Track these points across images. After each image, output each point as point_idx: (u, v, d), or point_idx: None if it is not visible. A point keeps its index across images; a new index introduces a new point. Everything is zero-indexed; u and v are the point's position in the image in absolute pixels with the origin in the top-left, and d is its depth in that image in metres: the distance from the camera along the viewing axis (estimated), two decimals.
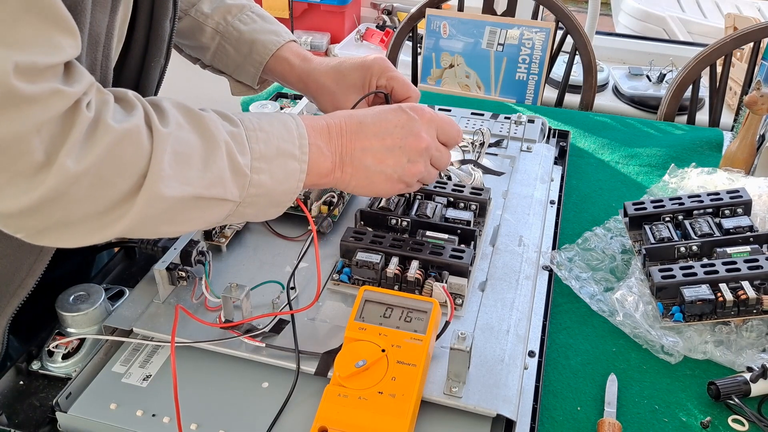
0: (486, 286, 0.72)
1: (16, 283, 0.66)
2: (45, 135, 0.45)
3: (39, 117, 0.44)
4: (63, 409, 0.60)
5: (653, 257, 0.79)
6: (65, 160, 0.46)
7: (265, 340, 0.64)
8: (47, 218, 0.48)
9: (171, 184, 0.51)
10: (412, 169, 0.66)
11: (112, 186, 0.49)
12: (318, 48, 2.39)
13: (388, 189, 0.67)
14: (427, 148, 0.67)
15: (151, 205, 0.50)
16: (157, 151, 0.50)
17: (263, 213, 0.60)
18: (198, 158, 0.53)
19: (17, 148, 0.44)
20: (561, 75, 1.63)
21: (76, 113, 0.47)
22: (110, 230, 0.50)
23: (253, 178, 0.56)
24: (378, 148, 0.65)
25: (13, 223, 0.48)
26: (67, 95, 0.46)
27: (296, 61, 0.83)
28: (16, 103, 0.43)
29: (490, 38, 1.42)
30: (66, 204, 0.47)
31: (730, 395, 0.65)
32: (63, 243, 0.51)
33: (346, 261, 0.73)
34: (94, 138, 0.48)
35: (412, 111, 0.67)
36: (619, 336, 0.74)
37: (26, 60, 0.43)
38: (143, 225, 0.52)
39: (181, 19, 0.83)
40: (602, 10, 2.28)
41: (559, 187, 0.95)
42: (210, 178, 0.54)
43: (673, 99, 1.42)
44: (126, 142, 0.49)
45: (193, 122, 0.54)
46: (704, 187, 0.94)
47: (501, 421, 0.60)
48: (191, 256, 0.70)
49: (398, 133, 0.66)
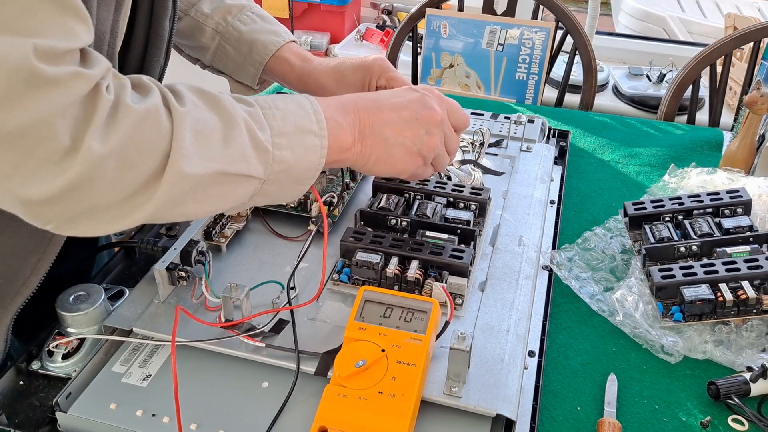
0: (486, 286, 0.72)
1: (21, 281, 0.67)
2: (69, 119, 0.45)
3: (63, 100, 0.45)
4: (63, 409, 0.60)
5: (653, 257, 0.79)
6: (91, 143, 0.46)
7: (264, 340, 0.64)
8: (76, 204, 0.48)
9: (194, 161, 0.51)
10: (430, 141, 0.67)
11: (137, 168, 0.49)
12: (318, 48, 2.39)
13: (408, 163, 0.68)
14: (442, 121, 0.68)
15: (176, 185, 0.50)
16: (177, 129, 0.50)
17: (287, 191, 0.60)
18: (218, 136, 0.53)
19: (43, 133, 0.44)
20: (561, 75, 1.63)
21: (97, 96, 0.47)
22: (138, 214, 0.50)
23: (276, 154, 0.56)
24: (396, 121, 0.66)
25: (43, 211, 0.48)
26: (87, 77, 0.46)
27: (296, 61, 0.83)
28: (39, 86, 0.43)
29: (490, 38, 1.43)
30: (94, 188, 0.47)
31: (730, 395, 0.65)
32: (92, 230, 0.51)
33: (345, 261, 0.73)
34: (116, 120, 0.48)
35: (423, 89, 0.69)
36: (619, 336, 0.74)
37: (45, 44, 0.44)
38: (170, 206, 0.51)
39: (181, 20, 0.83)
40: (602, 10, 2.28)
41: (559, 187, 0.95)
42: (232, 154, 0.54)
43: (673, 99, 1.42)
44: (147, 122, 0.49)
45: (210, 102, 0.55)
46: (704, 187, 0.94)
47: (501, 421, 0.60)
48: (191, 256, 0.70)
49: (413, 107, 0.67)
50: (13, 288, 0.67)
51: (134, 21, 0.64)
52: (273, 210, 0.82)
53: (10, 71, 0.42)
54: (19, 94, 0.43)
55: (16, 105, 0.43)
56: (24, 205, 0.47)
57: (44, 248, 0.67)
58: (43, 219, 0.49)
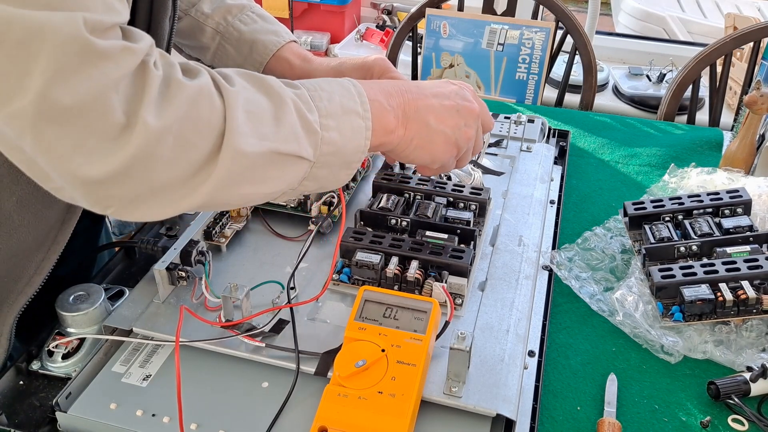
0: (486, 286, 0.72)
1: (25, 280, 0.67)
2: (122, 94, 0.45)
3: (114, 73, 0.44)
4: (63, 409, 0.60)
5: (653, 257, 0.79)
6: (147, 117, 0.45)
7: (264, 340, 0.64)
8: (137, 183, 0.47)
9: (249, 140, 0.51)
10: (468, 132, 0.68)
11: (194, 147, 0.48)
12: (318, 48, 2.39)
13: (445, 151, 0.68)
14: (479, 115, 0.69)
15: (233, 163, 0.50)
16: (230, 108, 0.50)
17: (335, 175, 0.60)
18: (269, 115, 0.53)
19: (99, 108, 0.44)
20: (561, 75, 1.63)
21: (146, 71, 0.47)
22: (197, 194, 0.50)
23: (324, 135, 0.56)
24: (438, 108, 0.66)
25: (105, 192, 0.47)
26: (135, 51, 0.46)
27: (297, 61, 0.83)
28: (93, 60, 0.43)
29: (490, 38, 1.43)
30: (153, 165, 0.47)
31: (729, 395, 0.65)
32: (152, 213, 0.50)
33: (346, 261, 0.73)
34: (169, 95, 0.47)
35: (460, 84, 0.70)
36: (619, 336, 0.74)
37: (93, 17, 0.43)
38: (227, 186, 0.51)
39: (181, 19, 0.83)
40: (602, 10, 2.28)
41: (559, 186, 0.95)
42: (284, 133, 0.53)
43: (673, 99, 1.42)
44: (200, 99, 0.49)
45: (258, 84, 0.54)
46: (704, 186, 0.94)
47: (501, 420, 0.60)
48: (191, 256, 0.70)
49: (455, 98, 0.68)
50: (18, 287, 0.67)
51: (134, 20, 0.64)
52: (273, 210, 0.82)
53: (65, 44, 0.42)
54: (74, 68, 0.42)
55: (72, 79, 0.42)
56: (86, 186, 0.46)
57: (48, 247, 0.67)
58: (105, 202, 0.48)
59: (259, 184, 0.54)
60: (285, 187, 0.56)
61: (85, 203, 0.49)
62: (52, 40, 0.41)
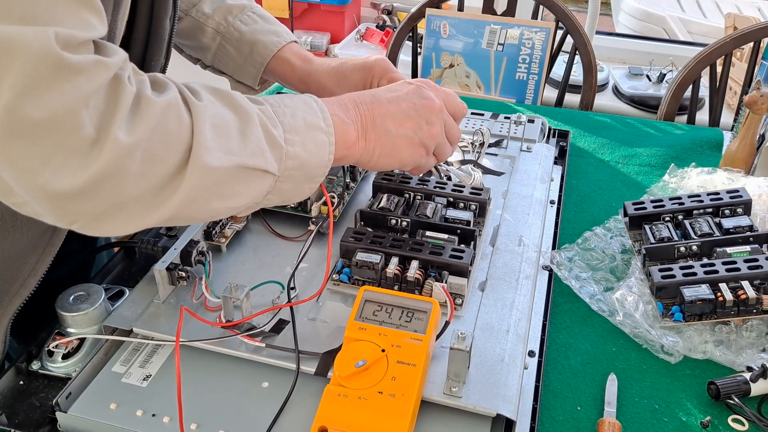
0: (486, 286, 0.72)
1: (19, 282, 0.67)
2: (93, 109, 0.45)
3: (86, 88, 0.44)
4: (63, 409, 0.60)
5: (653, 257, 0.79)
6: (117, 133, 0.45)
7: (265, 340, 0.64)
8: (105, 198, 0.47)
9: (216, 154, 0.51)
10: (431, 130, 0.68)
11: (162, 161, 0.49)
12: (318, 48, 2.39)
13: (411, 153, 0.69)
14: (441, 109, 0.69)
15: (200, 178, 0.50)
16: (197, 122, 0.51)
17: (299, 189, 0.60)
18: (235, 130, 0.54)
19: (70, 123, 0.44)
20: (561, 75, 1.63)
21: (121, 87, 0.47)
22: (164, 209, 0.50)
23: (288, 150, 0.57)
24: (395, 113, 0.67)
25: (71, 206, 0.47)
26: (108, 65, 0.46)
27: (297, 61, 0.83)
28: (64, 74, 0.43)
29: (490, 38, 1.42)
30: (121, 181, 0.47)
31: (730, 395, 0.65)
32: (118, 228, 0.50)
33: (346, 261, 0.73)
34: (140, 111, 0.48)
35: (418, 81, 0.70)
36: (619, 336, 0.74)
37: (66, 32, 0.43)
38: (194, 201, 0.51)
39: (181, 20, 0.83)
40: (602, 10, 2.28)
41: (559, 186, 0.95)
42: (250, 148, 0.54)
43: (673, 99, 1.42)
44: (168, 115, 0.49)
45: (224, 98, 0.55)
46: (704, 186, 0.94)
47: (501, 420, 0.60)
48: (191, 256, 0.70)
49: (411, 98, 0.68)
50: (12, 289, 0.67)
51: (134, 20, 0.64)
52: (273, 210, 0.82)
53: (35, 59, 0.42)
54: (45, 82, 0.42)
55: (42, 94, 0.42)
56: (52, 201, 0.46)
57: (42, 249, 0.67)
58: (71, 217, 0.48)
59: (225, 199, 0.54)
60: (250, 201, 0.57)
61: (50, 218, 0.48)
62: (22, 55, 0.41)
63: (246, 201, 0.56)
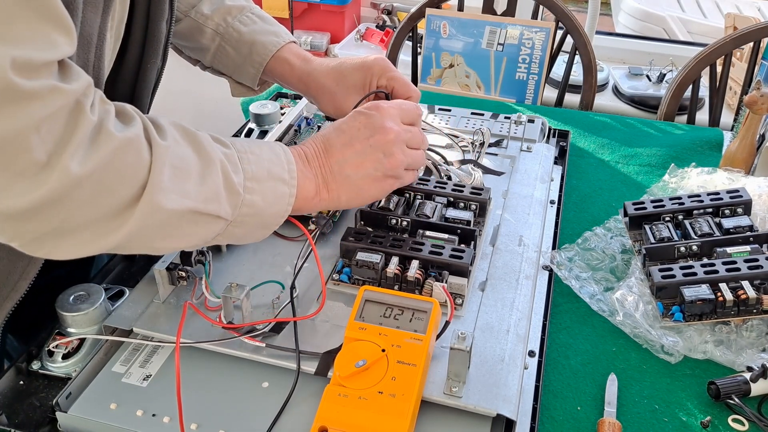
0: (486, 285, 0.72)
1: (9, 286, 0.66)
2: (45, 134, 0.44)
3: (38, 114, 0.44)
4: (63, 409, 0.60)
5: (653, 257, 0.79)
6: (69, 162, 0.45)
7: (265, 340, 0.64)
8: (46, 223, 0.47)
9: (170, 196, 0.51)
10: (392, 161, 0.67)
11: (113, 194, 0.49)
12: (318, 48, 2.39)
13: (379, 189, 0.69)
14: (396, 136, 0.67)
15: (149, 216, 0.50)
16: (156, 163, 0.50)
17: (251, 234, 0.61)
18: (195, 173, 0.54)
19: (16, 146, 0.43)
20: (561, 75, 1.63)
21: (81, 116, 0.46)
22: (106, 241, 0.50)
23: (246, 197, 0.57)
24: (351, 156, 0.66)
25: (11, 226, 0.47)
26: (65, 92, 0.46)
27: (297, 61, 0.83)
28: (15, 99, 0.43)
29: (490, 38, 1.43)
30: (66, 208, 0.47)
31: (730, 395, 0.65)
32: (58, 253, 0.50)
33: (346, 261, 0.73)
34: (98, 143, 0.47)
35: (368, 110, 0.68)
36: (619, 336, 0.74)
37: (23, 55, 0.43)
38: (139, 237, 0.51)
39: (181, 21, 0.83)
40: (602, 10, 2.28)
41: (559, 186, 0.95)
42: (206, 193, 0.54)
43: (673, 99, 1.42)
44: (127, 151, 0.49)
45: (189, 139, 0.55)
46: (704, 186, 0.94)
47: (501, 420, 0.60)
48: (191, 256, 0.70)
49: (363, 135, 0.67)
50: (3, 293, 0.66)
51: (131, 23, 0.64)
52: None
53: None
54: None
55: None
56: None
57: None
58: (9, 234, 0.48)
59: (172, 239, 0.54)
60: (196, 243, 0.57)
61: None
62: None
63: (194, 242, 0.57)
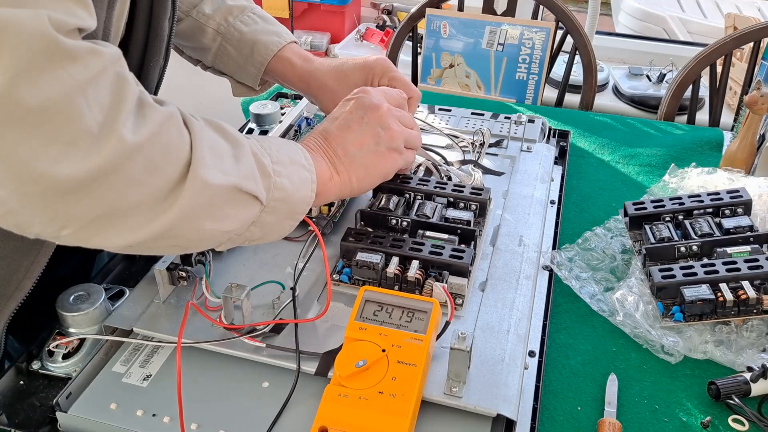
0: (486, 286, 0.72)
1: (14, 285, 0.66)
2: (92, 100, 0.43)
3: (81, 75, 0.42)
4: (63, 409, 0.60)
5: (653, 257, 0.79)
6: (122, 131, 0.44)
7: (265, 340, 0.64)
8: (99, 201, 0.45)
9: (213, 172, 0.51)
10: (390, 133, 0.70)
11: (161, 171, 0.48)
12: (318, 48, 2.39)
13: (385, 164, 0.71)
14: (388, 109, 0.71)
15: (198, 193, 0.50)
16: (196, 140, 0.51)
17: (280, 224, 0.60)
18: (228, 154, 0.54)
19: (67, 112, 0.42)
20: (561, 75, 1.63)
21: (126, 84, 0.46)
22: (159, 222, 0.49)
23: (276, 180, 0.57)
24: (350, 137, 0.68)
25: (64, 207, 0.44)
26: (102, 54, 0.45)
27: (298, 61, 0.84)
28: (60, 59, 0.41)
29: (490, 38, 1.43)
30: (119, 184, 0.45)
31: (730, 395, 0.65)
32: (110, 241, 0.48)
33: (346, 261, 0.73)
34: (144, 114, 0.47)
35: (355, 94, 0.72)
36: (619, 336, 0.74)
37: (56, 17, 0.41)
38: (189, 218, 0.50)
39: (182, 21, 0.83)
40: (602, 10, 2.28)
41: (559, 187, 0.95)
42: (244, 171, 0.54)
43: (673, 99, 1.42)
44: (171, 125, 0.49)
45: (215, 127, 0.56)
46: (704, 187, 0.94)
47: (501, 420, 0.60)
48: (191, 256, 0.70)
49: (356, 115, 0.69)
50: (7, 292, 0.66)
51: (133, 21, 0.64)
52: None
53: (30, 41, 0.39)
54: (40, 66, 0.40)
55: (37, 79, 0.40)
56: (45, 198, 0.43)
57: (38, 251, 0.66)
58: (60, 220, 0.45)
59: (217, 220, 0.54)
60: (237, 227, 0.56)
61: (37, 224, 0.45)
62: (16, 36, 0.39)
63: (234, 225, 0.56)
